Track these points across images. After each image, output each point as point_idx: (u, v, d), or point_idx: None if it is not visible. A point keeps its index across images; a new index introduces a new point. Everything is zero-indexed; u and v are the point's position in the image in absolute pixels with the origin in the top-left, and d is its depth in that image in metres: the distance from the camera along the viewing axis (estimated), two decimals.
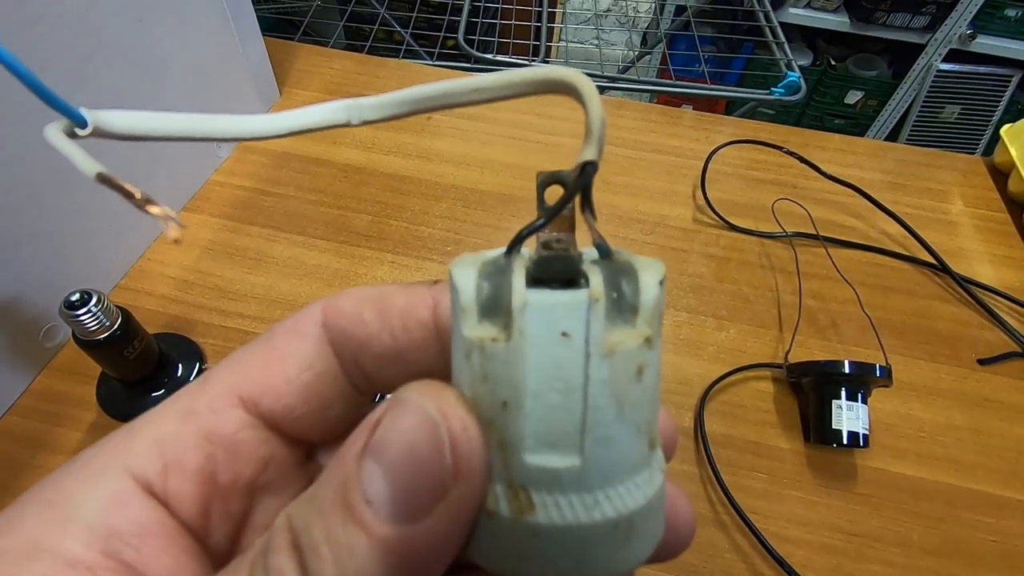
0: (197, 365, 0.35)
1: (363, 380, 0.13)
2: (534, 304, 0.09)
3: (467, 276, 0.10)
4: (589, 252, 0.11)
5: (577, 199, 0.10)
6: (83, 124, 0.11)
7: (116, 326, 0.29)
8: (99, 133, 0.11)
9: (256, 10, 0.48)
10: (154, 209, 0.12)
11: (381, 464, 0.09)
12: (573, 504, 0.09)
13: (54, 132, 0.11)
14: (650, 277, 0.10)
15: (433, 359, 0.12)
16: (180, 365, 0.35)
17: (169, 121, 0.12)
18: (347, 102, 0.13)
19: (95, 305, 0.28)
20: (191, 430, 0.12)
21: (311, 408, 0.13)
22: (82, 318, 0.28)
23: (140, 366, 0.32)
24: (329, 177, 0.47)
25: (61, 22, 0.31)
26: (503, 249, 0.11)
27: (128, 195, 0.11)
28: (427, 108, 0.12)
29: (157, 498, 0.11)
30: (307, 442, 0.14)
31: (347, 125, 0.13)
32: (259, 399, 0.12)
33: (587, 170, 0.10)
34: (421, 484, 0.09)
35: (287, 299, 0.39)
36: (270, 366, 0.13)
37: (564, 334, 0.09)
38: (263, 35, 0.50)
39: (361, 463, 0.09)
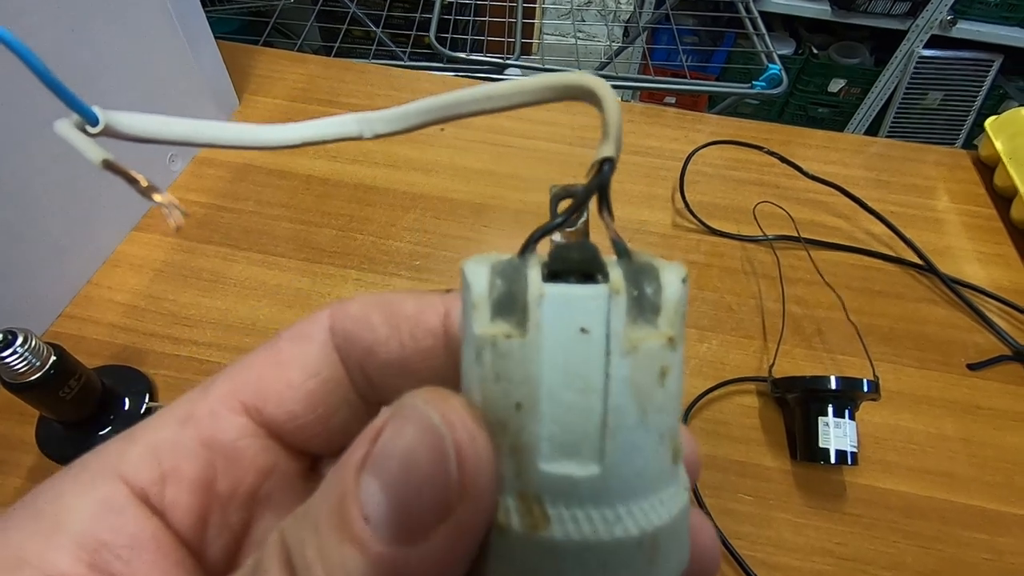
0: (146, 398, 0.33)
1: (369, 389, 0.13)
2: (551, 297, 0.09)
3: (480, 272, 0.10)
4: (609, 260, 0.10)
5: (594, 201, 0.10)
6: (94, 122, 0.11)
7: (48, 366, 0.27)
8: (109, 132, 0.12)
9: (224, 11, 0.46)
10: (158, 197, 0.12)
11: (380, 479, 0.08)
12: (592, 519, 0.09)
13: (65, 127, 0.11)
14: (672, 275, 0.09)
15: (441, 370, 0.12)
16: (127, 400, 0.33)
17: (177, 126, 0.12)
18: (358, 115, 0.13)
19: (21, 345, 0.26)
20: (189, 436, 0.12)
21: (315, 416, 0.12)
22: (8, 360, 0.26)
23: (79, 406, 0.29)
24: (291, 190, 0.45)
25: None
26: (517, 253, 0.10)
27: (133, 181, 0.12)
28: (439, 119, 0.12)
29: (152, 507, 0.11)
30: (311, 452, 0.13)
31: (360, 138, 0.13)
32: (262, 405, 0.12)
33: (605, 168, 0.10)
34: (423, 501, 0.08)
35: (245, 323, 0.37)
36: (274, 372, 0.12)
37: (583, 330, 0.09)
38: (231, 38, 0.48)
39: (360, 477, 0.09)
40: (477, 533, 0.09)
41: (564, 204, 0.11)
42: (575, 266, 0.09)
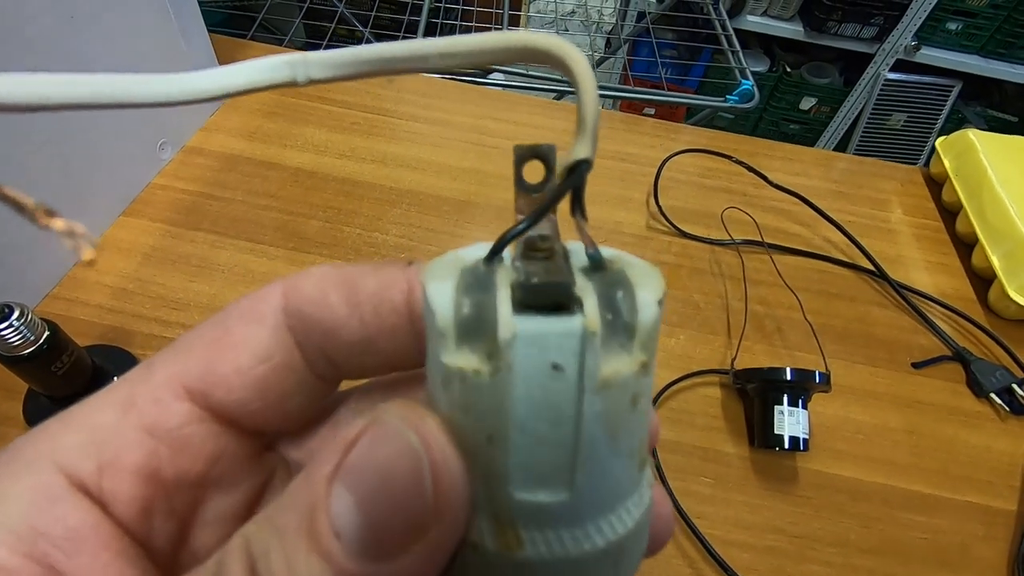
0: None
1: (329, 368, 0.12)
2: (523, 335, 0.08)
3: (443, 293, 0.09)
4: (575, 247, 0.10)
5: (567, 199, 0.10)
6: None
7: (42, 340, 0.28)
8: None
9: (209, 4, 0.46)
10: (57, 223, 0.10)
11: (354, 493, 0.08)
12: (563, 539, 0.09)
13: None
14: (648, 295, 0.09)
15: (407, 347, 0.12)
16: (116, 378, 0.33)
17: (64, 85, 0.09)
18: (292, 56, 0.11)
19: (17, 319, 0.27)
20: (131, 423, 0.11)
21: (267, 402, 0.12)
22: (4, 333, 0.27)
23: (70, 382, 0.30)
24: (279, 181, 0.46)
25: None
26: (479, 251, 0.10)
27: (19, 207, 0.09)
28: (386, 70, 0.11)
29: (92, 497, 0.11)
30: (264, 434, 0.13)
31: (293, 84, 0.11)
32: (208, 391, 0.11)
33: (580, 169, 0.09)
34: (397, 520, 0.08)
35: None
36: (221, 354, 0.11)
37: (556, 367, 0.08)
38: (216, 31, 0.49)
39: (331, 488, 0.08)
40: (449, 552, 0.09)
41: (531, 165, 0.10)
42: (547, 300, 0.09)
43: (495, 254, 0.10)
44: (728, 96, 0.77)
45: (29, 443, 0.11)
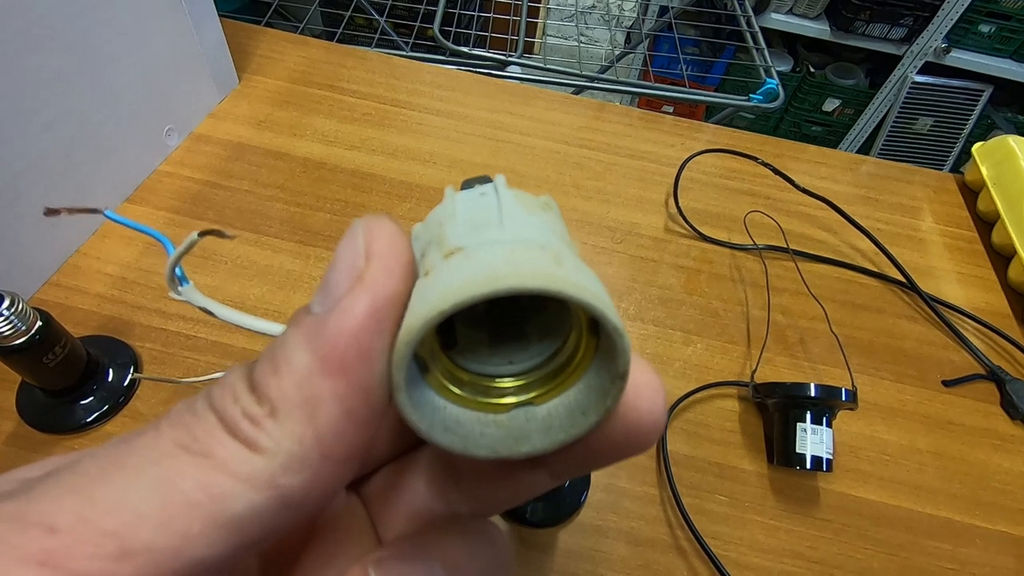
0: (131, 370, 0.33)
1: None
2: (462, 190, 0.13)
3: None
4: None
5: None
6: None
7: (33, 331, 0.27)
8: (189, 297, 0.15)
9: None
10: None
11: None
12: (494, 235, 0.11)
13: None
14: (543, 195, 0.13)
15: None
16: (111, 371, 0.32)
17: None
18: None
19: (8, 308, 0.26)
20: None
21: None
22: None
23: (63, 374, 0.29)
24: (287, 171, 0.45)
25: None
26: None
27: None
28: None
29: None
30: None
31: None
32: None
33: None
34: (339, 271, 0.10)
35: (235, 301, 0.37)
36: None
37: (482, 194, 0.12)
38: (232, 16, 0.47)
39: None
40: (387, 294, 0.10)
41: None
42: (478, 183, 0.13)
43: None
44: (752, 95, 0.74)
45: None
